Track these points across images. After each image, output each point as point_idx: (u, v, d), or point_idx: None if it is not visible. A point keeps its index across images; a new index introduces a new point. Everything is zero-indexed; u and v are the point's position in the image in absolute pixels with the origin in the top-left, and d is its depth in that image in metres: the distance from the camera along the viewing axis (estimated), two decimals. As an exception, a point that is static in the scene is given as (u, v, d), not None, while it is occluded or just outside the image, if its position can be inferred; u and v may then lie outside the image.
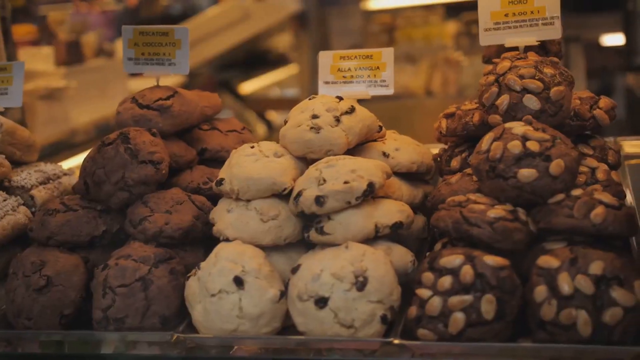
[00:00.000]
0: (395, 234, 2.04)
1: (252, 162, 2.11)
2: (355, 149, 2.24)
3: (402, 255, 2.01)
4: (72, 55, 5.23)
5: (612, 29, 7.12)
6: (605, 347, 1.68)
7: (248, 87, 8.26)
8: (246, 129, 2.64)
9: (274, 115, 8.06)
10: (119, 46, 7.47)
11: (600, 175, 2.07)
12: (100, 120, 5.20)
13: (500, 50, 2.35)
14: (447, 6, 7.69)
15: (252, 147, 2.18)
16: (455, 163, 2.30)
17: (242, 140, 2.55)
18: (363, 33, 7.67)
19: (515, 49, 2.31)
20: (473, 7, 2.39)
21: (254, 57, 8.65)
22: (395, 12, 7.72)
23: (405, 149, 2.29)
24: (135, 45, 2.48)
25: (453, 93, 6.97)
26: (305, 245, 2.09)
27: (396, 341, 1.82)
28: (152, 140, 2.24)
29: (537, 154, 1.90)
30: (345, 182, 1.98)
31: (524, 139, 1.93)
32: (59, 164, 2.65)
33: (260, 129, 7.80)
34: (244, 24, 7.43)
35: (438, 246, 1.99)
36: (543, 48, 2.35)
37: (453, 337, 1.77)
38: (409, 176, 2.34)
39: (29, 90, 4.52)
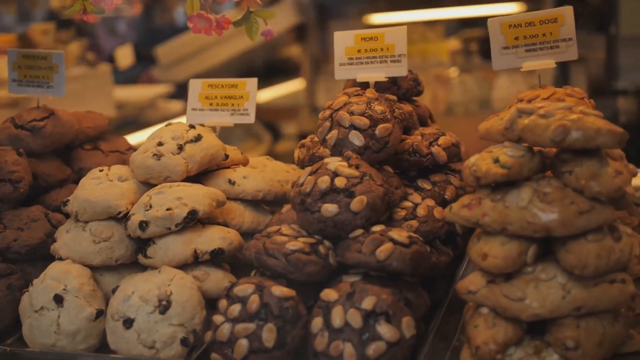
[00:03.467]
0: (217, 259, 2.14)
1: (95, 186, 2.23)
2: (203, 176, 2.35)
3: (219, 280, 2.10)
4: (48, 65, 5.39)
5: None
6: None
7: (263, 96, 8.39)
8: (132, 150, 2.76)
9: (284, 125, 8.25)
10: (118, 54, 7.68)
11: (420, 211, 2.13)
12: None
13: (356, 84, 2.42)
14: (448, 23, 7.74)
15: (101, 170, 2.30)
16: (303, 192, 2.37)
17: (124, 161, 2.67)
18: (361, 48, 7.73)
19: (367, 84, 2.38)
20: (474, 24, 2.42)
21: (271, 67, 8.80)
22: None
23: (254, 177, 2.38)
24: (18, 67, 2.62)
25: (442, 110, 7.01)
26: (143, 267, 2.20)
27: (188, 364, 1.93)
28: (15, 160, 2.38)
29: (342, 190, 1.98)
30: (168, 209, 2.09)
31: (335, 174, 2.02)
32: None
33: (266, 138, 7.93)
34: (242, 36, 7.52)
35: (252, 273, 2.08)
36: (395, 84, 2.41)
37: (238, 362, 1.86)
38: (271, 203, 2.45)
39: (-11, 99, 4.72)
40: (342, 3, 8.19)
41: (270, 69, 8.83)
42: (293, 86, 8.55)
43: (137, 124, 6.31)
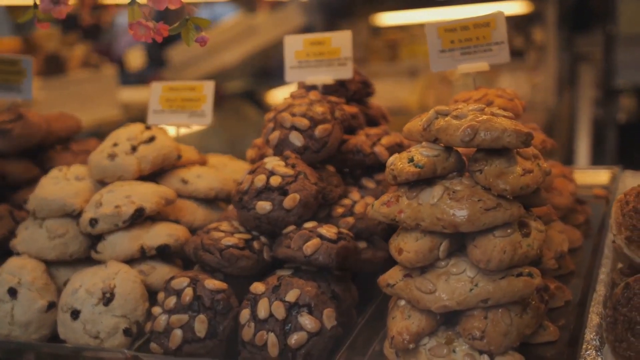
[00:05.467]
0: (164, 254, 2.25)
1: (52, 185, 2.35)
2: (157, 175, 2.46)
3: (165, 274, 2.21)
4: (50, 68, 5.57)
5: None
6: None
7: (278, 96, 8.47)
8: (102, 150, 2.87)
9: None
10: (129, 57, 7.83)
11: (358, 208, 2.22)
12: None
13: (306, 87, 2.52)
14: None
15: (60, 170, 2.42)
16: (255, 191, 2.47)
17: (93, 161, 2.78)
18: (368, 48, 7.83)
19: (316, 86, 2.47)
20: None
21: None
22: (402, 28, 7.85)
23: (208, 176, 2.49)
24: (-11, 72, 2.75)
25: (445, 110, 7.05)
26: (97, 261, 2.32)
27: (129, 353, 2.03)
28: (-18, 161, 2.51)
29: (276, 188, 2.08)
30: (116, 207, 2.20)
31: (271, 173, 2.11)
32: None
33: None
34: (250, 38, 7.65)
35: (195, 268, 2.19)
36: (343, 86, 2.50)
37: (174, 352, 1.97)
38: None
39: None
40: (350, 3, 8.27)
41: (283, 70, 8.87)
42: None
43: (142, 125, 6.46)
